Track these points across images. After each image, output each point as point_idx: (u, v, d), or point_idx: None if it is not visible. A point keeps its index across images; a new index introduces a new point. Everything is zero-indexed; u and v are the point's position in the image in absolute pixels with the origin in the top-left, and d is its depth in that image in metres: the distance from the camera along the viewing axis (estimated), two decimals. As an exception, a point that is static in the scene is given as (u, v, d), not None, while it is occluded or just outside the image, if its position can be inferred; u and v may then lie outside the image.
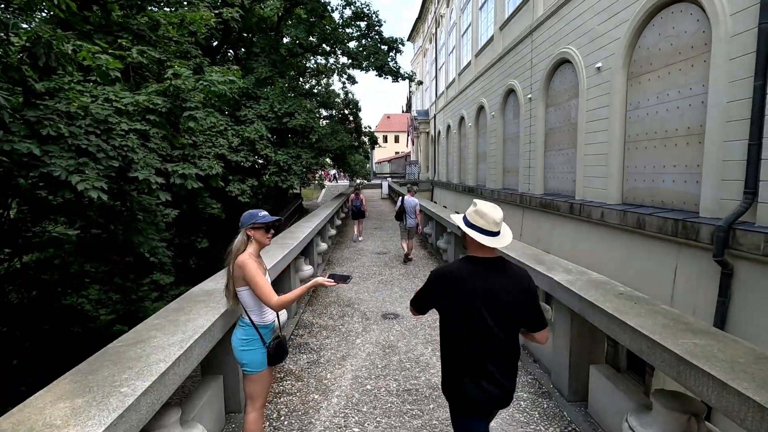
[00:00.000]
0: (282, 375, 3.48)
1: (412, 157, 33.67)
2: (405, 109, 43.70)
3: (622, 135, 7.05)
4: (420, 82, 17.20)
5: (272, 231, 2.43)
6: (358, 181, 21.90)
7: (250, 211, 2.38)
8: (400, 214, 8.96)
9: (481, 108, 15.38)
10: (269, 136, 10.72)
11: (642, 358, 1.82)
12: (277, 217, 2.41)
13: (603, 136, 7.42)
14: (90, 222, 5.93)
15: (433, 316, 4.95)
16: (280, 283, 4.73)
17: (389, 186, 26.60)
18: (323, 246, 7.94)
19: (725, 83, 5.01)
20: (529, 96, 10.68)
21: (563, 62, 9.11)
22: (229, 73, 5.21)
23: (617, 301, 2.42)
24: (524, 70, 11.12)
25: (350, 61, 13.10)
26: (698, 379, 1.48)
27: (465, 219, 1.92)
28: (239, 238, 2.31)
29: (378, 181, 33.81)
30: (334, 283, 2.37)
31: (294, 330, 4.54)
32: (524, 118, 10.97)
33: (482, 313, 1.80)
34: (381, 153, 66.07)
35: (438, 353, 3.94)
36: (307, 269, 5.81)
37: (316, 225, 7.07)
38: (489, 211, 1.87)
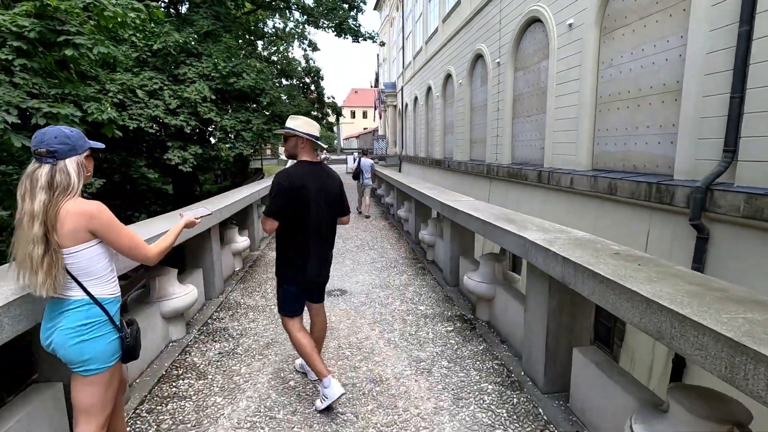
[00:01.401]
0: (179, 372, 2.67)
1: (380, 132, 32.72)
2: (374, 84, 42.21)
3: (593, 96, 6.63)
4: (383, 43, 16.07)
5: None
6: (322, 156, 21.00)
7: (69, 130, 1.52)
8: (357, 174, 9.79)
9: (448, 77, 14.74)
10: (213, 97, 9.46)
11: (663, 344, 1.20)
12: (102, 144, 1.61)
13: (573, 98, 6.99)
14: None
15: (385, 291, 4.30)
16: (193, 256, 3.86)
17: (354, 160, 25.81)
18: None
19: (706, 32, 4.58)
20: (498, 60, 10.12)
21: (533, 21, 8.54)
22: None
23: (615, 262, 1.79)
24: (492, 33, 10.51)
25: (306, 17, 11.77)
26: (774, 380, 0.89)
27: (297, 131, 2.29)
28: (73, 170, 1.47)
29: (344, 156, 32.92)
30: (199, 220, 2.13)
31: (214, 313, 3.73)
32: (492, 85, 10.45)
33: (321, 205, 2.32)
34: (349, 129, 64.54)
35: (386, 335, 3.27)
36: (242, 241, 4.94)
37: (258, 190, 6.13)
38: (314, 121, 2.38)
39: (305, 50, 18.50)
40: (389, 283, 4.63)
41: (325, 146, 2.44)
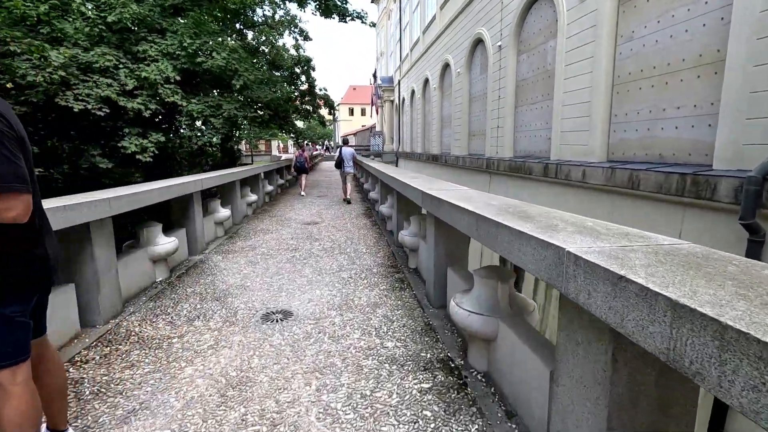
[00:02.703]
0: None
1: (377, 128, 31.76)
2: (372, 81, 41.11)
3: (609, 76, 5.67)
4: (373, 24, 14.80)
5: None
6: (315, 152, 20.17)
7: None
8: (339, 163, 10.11)
9: (446, 66, 13.82)
10: (178, 78, 8.42)
11: None
12: None
13: (585, 80, 6.03)
14: None
15: (344, 316, 3.16)
16: (74, 261, 2.77)
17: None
18: (223, 213, 5.96)
19: (759, -14, 3.61)
20: (499, 44, 9.16)
21: (539, -4, 7.55)
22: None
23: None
24: (493, 14, 9.55)
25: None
26: None
27: None
28: None
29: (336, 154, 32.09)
30: None
31: (83, 351, 2.51)
32: (493, 71, 9.50)
33: (32, 162, 1.45)
34: (347, 126, 63.74)
35: (325, 396, 2.09)
36: (168, 243, 3.88)
37: (201, 179, 5.02)
38: None
39: (296, 39, 17.49)
40: (352, 303, 3.54)
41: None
